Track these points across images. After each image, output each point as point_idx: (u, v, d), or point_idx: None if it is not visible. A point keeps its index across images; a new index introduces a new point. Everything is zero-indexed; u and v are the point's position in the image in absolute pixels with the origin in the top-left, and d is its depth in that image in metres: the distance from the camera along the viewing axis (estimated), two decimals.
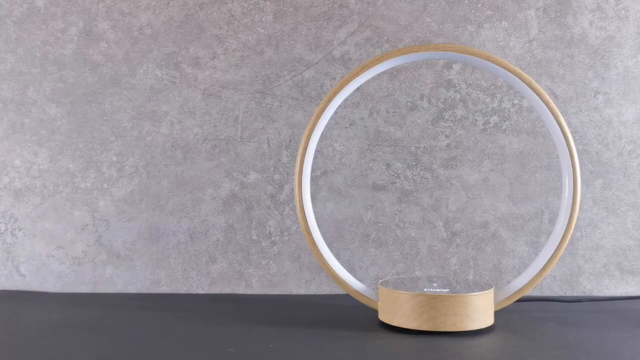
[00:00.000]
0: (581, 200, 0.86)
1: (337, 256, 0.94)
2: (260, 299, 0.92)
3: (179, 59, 0.96)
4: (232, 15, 0.96)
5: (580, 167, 0.77)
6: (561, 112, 0.76)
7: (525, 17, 0.95)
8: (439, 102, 0.96)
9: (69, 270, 0.96)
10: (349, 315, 0.80)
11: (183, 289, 0.96)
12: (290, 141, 0.96)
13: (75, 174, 0.96)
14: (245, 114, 0.96)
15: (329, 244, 0.94)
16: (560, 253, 0.76)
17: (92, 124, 0.96)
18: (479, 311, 0.72)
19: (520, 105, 0.95)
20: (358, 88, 0.93)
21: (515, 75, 0.75)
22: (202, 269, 0.96)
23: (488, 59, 0.75)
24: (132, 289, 0.96)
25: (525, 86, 0.75)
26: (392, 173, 0.96)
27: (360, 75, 0.76)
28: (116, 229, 0.96)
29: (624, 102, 0.95)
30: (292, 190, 0.95)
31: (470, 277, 0.95)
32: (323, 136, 0.95)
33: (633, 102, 0.95)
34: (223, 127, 0.96)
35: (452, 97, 0.95)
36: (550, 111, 0.75)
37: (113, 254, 0.96)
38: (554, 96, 0.95)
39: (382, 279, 0.94)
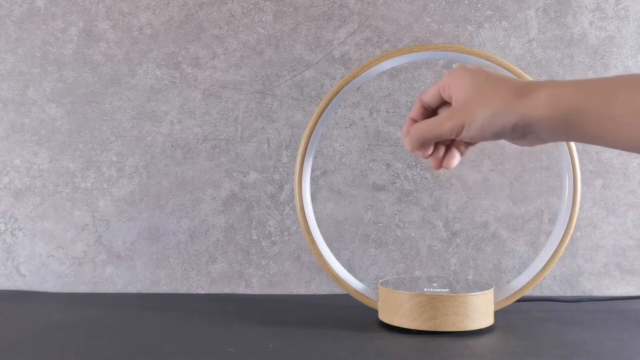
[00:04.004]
0: (581, 200, 0.86)
1: (337, 256, 0.94)
2: (260, 299, 0.92)
3: (179, 59, 0.96)
4: (232, 15, 0.96)
5: (580, 167, 0.77)
6: None
7: (525, 17, 0.95)
8: None
9: (69, 270, 0.96)
10: (349, 315, 0.80)
11: (183, 289, 0.96)
12: (290, 141, 0.96)
13: (75, 174, 0.96)
14: (245, 114, 0.96)
15: (329, 244, 0.94)
16: (560, 253, 0.76)
17: (92, 124, 0.96)
18: (479, 311, 0.72)
19: None
20: (358, 88, 0.93)
21: (515, 76, 0.75)
22: (202, 269, 0.95)
23: (488, 59, 0.75)
24: (132, 289, 0.96)
25: None
26: (392, 173, 0.96)
27: (360, 75, 0.76)
28: (116, 229, 0.96)
29: None
30: (292, 190, 0.95)
31: (470, 277, 0.95)
32: (323, 136, 0.95)
33: None
34: (223, 127, 0.96)
35: None
36: None
37: (113, 254, 0.96)
38: None
39: (382, 279, 0.94)
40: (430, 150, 0.59)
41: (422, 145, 0.57)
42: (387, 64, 0.76)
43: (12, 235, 0.96)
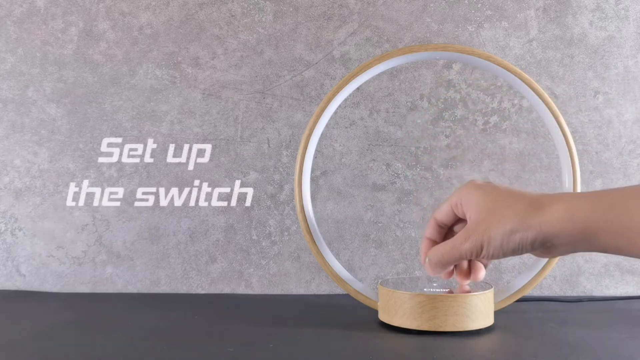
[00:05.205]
0: None
1: (337, 256, 0.94)
2: (260, 299, 0.92)
3: (179, 59, 0.96)
4: (232, 15, 0.96)
5: (580, 167, 0.77)
6: (561, 112, 0.76)
7: (525, 17, 0.95)
8: (439, 102, 0.96)
9: (69, 270, 0.96)
10: (349, 315, 0.80)
11: (183, 289, 0.96)
12: (290, 141, 0.96)
13: (75, 174, 0.96)
14: (245, 114, 0.96)
15: (329, 244, 0.94)
16: None
17: (92, 124, 0.96)
18: (479, 311, 0.72)
19: (520, 105, 0.95)
20: (358, 88, 0.93)
21: (515, 75, 0.75)
22: (202, 269, 0.96)
23: (488, 59, 0.75)
24: (132, 289, 0.96)
25: (525, 86, 0.75)
26: (392, 173, 0.96)
27: (360, 75, 0.76)
28: (116, 229, 0.96)
29: (624, 102, 0.95)
30: (292, 190, 0.95)
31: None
32: (323, 136, 0.95)
33: (633, 102, 0.95)
34: (223, 127, 0.96)
35: (452, 97, 0.95)
36: (550, 111, 0.75)
37: (113, 254, 0.96)
38: (554, 96, 0.95)
39: (382, 279, 0.94)
40: (451, 269, 0.59)
41: (443, 268, 0.58)
42: (387, 64, 0.76)
43: (12, 235, 0.96)
